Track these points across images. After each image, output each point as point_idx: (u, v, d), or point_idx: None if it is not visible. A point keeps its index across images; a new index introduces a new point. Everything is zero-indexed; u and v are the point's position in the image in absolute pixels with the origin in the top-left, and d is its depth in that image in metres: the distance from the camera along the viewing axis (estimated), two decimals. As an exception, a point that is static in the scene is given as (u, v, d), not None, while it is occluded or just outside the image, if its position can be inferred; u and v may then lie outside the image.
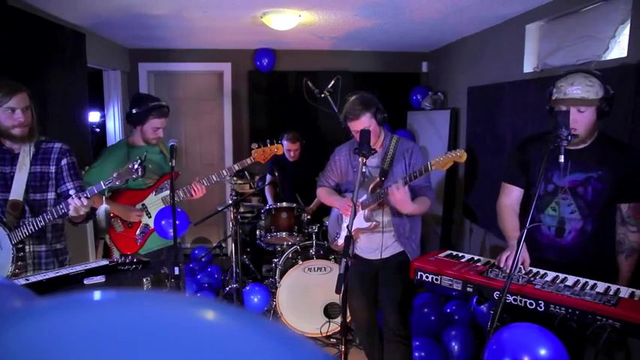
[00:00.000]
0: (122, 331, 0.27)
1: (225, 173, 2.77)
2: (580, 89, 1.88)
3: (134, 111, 2.73)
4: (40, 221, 2.12)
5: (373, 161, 2.52)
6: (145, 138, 2.77)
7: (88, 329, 0.28)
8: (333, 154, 2.72)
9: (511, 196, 2.23)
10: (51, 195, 2.25)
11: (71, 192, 2.28)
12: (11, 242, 2.10)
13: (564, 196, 2.03)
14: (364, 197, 2.46)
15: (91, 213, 2.29)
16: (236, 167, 2.79)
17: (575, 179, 2.00)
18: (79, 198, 2.07)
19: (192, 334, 0.27)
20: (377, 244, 2.52)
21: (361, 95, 2.46)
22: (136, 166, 2.16)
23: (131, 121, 2.78)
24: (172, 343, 0.27)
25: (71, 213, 2.10)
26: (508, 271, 1.91)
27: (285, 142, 4.21)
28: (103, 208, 2.32)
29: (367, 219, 2.49)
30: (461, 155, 2.17)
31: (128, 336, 0.27)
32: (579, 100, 1.88)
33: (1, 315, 0.32)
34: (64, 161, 2.27)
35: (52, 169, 2.24)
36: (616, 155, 1.97)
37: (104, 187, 2.17)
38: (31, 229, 2.12)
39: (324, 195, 2.74)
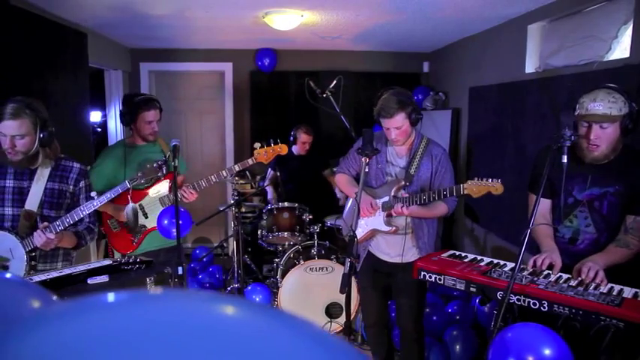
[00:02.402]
0: (154, 334, 0.27)
1: (225, 174, 2.66)
2: (602, 105, 1.84)
3: (124, 110, 2.74)
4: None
5: (400, 162, 2.46)
6: (142, 135, 2.76)
7: (118, 333, 0.27)
8: (357, 143, 2.60)
9: (540, 207, 2.20)
10: (64, 213, 2.24)
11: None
12: (25, 249, 2.10)
13: (582, 209, 2.02)
14: (386, 199, 2.40)
15: (78, 244, 2.28)
16: (237, 168, 2.67)
17: (592, 193, 1.99)
18: (44, 233, 2.05)
19: (230, 333, 0.27)
20: (396, 250, 2.47)
21: (398, 92, 2.33)
22: (160, 165, 2.28)
23: (125, 122, 2.78)
24: (211, 344, 0.27)
25: (39, 246, 2.09)
26: (538, 270, 1.94)
27: (301, 135, 4.24)
28: (130, 207, 2.33)
29: (387, 223, 2.43)
30: (497, 188, 2.11)
31: (161, 336, 0.27)
32: (601, 117, 1.84)
33: (21, 319, 0.31)
34: (82, 183, 2.29)
35: (70, 188, 2.26)
36: (636, 168, 1.93)
37: (129, 187, 2.24)
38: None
39: (343, 182, 2.67)
